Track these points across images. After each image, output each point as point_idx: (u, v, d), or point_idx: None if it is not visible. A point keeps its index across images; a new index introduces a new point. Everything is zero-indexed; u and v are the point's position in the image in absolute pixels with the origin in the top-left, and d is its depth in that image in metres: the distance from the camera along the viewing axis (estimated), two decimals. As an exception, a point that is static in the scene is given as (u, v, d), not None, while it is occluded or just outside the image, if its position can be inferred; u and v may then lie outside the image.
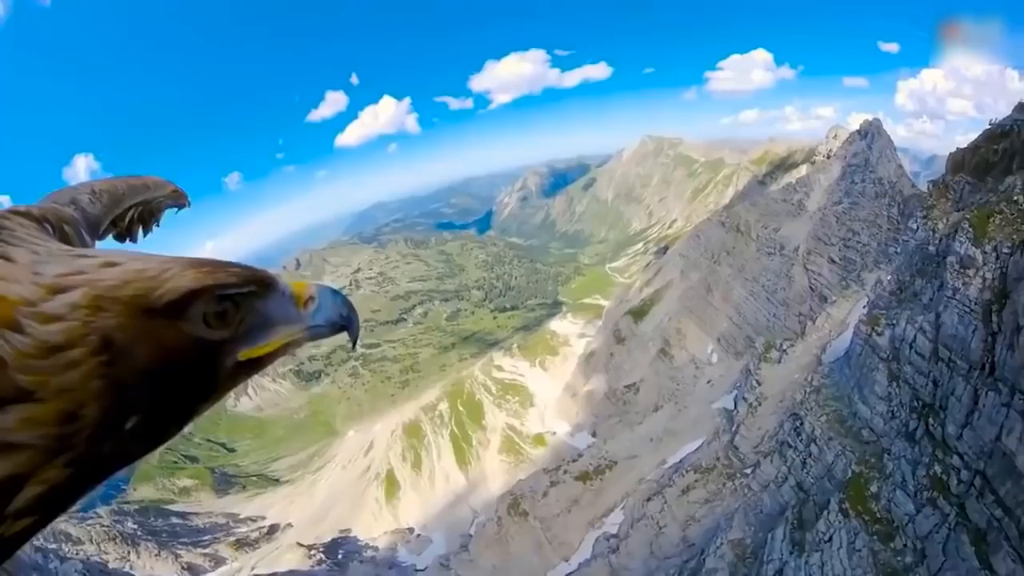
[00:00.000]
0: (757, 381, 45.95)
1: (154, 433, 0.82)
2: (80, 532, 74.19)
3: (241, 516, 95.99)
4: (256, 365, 0.93)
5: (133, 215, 1.96)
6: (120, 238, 1.97)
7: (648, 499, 45.65)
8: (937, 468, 24.87)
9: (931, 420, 26.13)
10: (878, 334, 31.32)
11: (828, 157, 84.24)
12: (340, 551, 79.49)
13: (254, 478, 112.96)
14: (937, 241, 30.81)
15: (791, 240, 73.77)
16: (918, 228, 35.40)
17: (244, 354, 0.89)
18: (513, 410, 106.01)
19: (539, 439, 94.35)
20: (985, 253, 24.66)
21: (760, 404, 43.60)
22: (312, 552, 75.35)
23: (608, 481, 52.34)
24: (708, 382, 64.61)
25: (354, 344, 1.15)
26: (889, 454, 27.80)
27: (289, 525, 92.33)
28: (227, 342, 0.86)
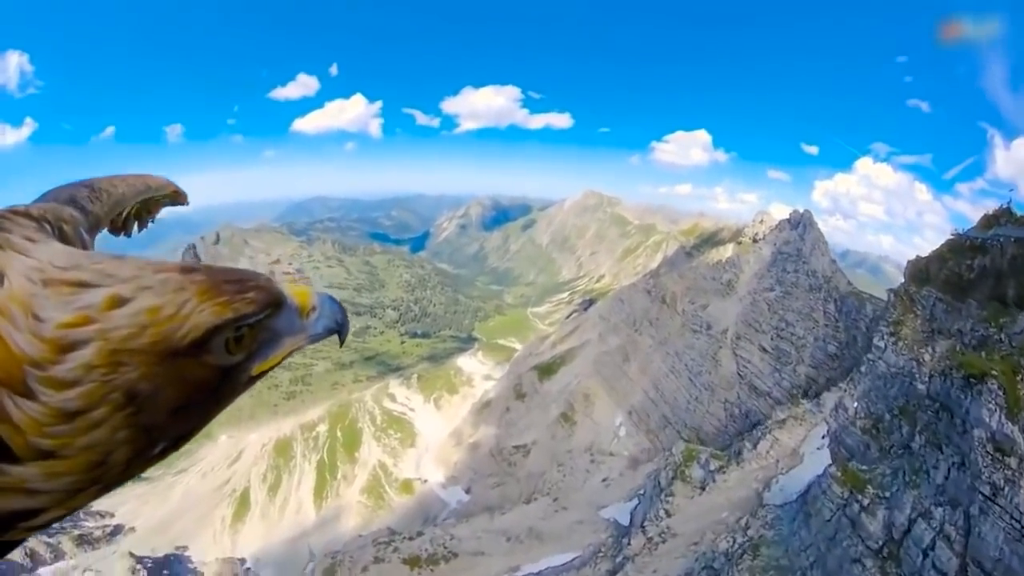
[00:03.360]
0: (666, 511, 36.08)
1: (178, 446, 0.85)
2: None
3: (92, 508, 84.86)
4: (265, 374, 0.96)
5: (130, 211, 1.96)
6: (115, 232, 1.96)
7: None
8: None
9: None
10: (863, 508, 22.12)
11: (754, 240, 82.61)
12: (166, 571, 72.21)
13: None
14: (927, 379, 23.92)
15: (719, 320, 69.41)
16: (886, 347, 29.47)
17: (256, 369, 0.92)
18: (391, 447, 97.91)
19: (407, 485, 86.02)
20: (1028, 434, 17.34)
21: (664, 541, 33.08)
22: (139, 567, 68.19)
23: (440, 575, 41.10)
24: (603, 480, 54.52)
25: (341, 344, 1.19)
26: None
27: (132, 529, 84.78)
28: (243, 362, 0.88)
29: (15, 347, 0.68)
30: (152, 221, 2.12)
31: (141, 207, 1.97)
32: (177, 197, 2.13)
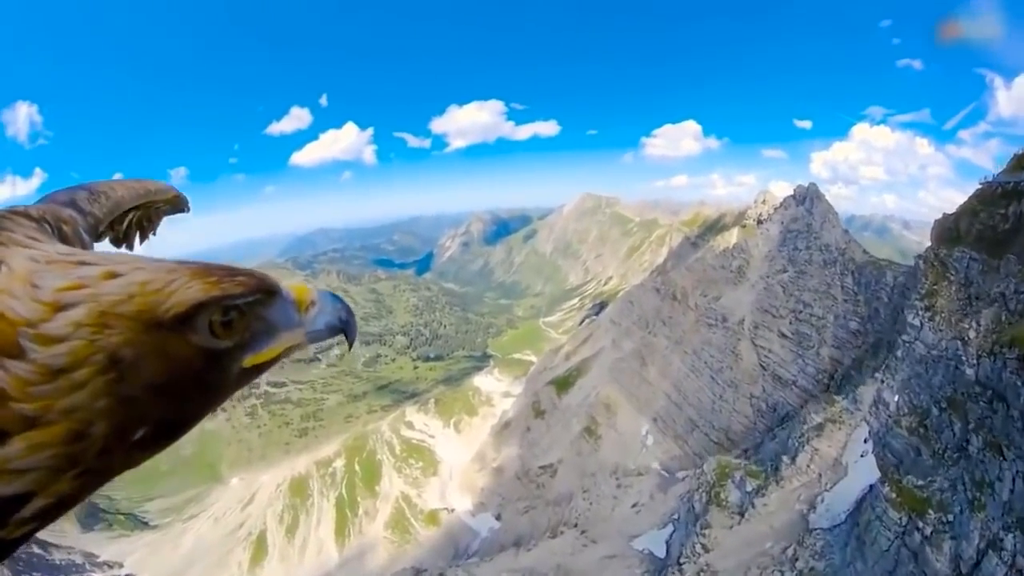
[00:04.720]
0: (704, 545, 31.31)
1: (161, 440, 0.84)
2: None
3: (99, 559, 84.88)
4: (260, 369, 0.94)
5: (131, 220, 1.97)
6: (117, 244, 1.98)
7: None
8: None
9: None
10: (925, 538, 19.16)
11: (759, 222, 79.52)
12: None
13: (122, 516, 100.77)
14: (975, 361, 20.95)
15: (734, 311, 66.40)
16: (922, 325, 26.52)
17: (249, 361, 0.90)
18: (413, 477, 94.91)
19: (432, 517, 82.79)
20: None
21: (705, 581, 29.46)
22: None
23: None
24: (633, 506, 50.60)
25: (350, 346, 1.17)
26: None
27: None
28: (232, 350, 0.86)
29: (11, 313, 0.72)
30: (154, 233, 2.10)
31: (142, 215, 1.93)
32: (178, 203, 2.09)
